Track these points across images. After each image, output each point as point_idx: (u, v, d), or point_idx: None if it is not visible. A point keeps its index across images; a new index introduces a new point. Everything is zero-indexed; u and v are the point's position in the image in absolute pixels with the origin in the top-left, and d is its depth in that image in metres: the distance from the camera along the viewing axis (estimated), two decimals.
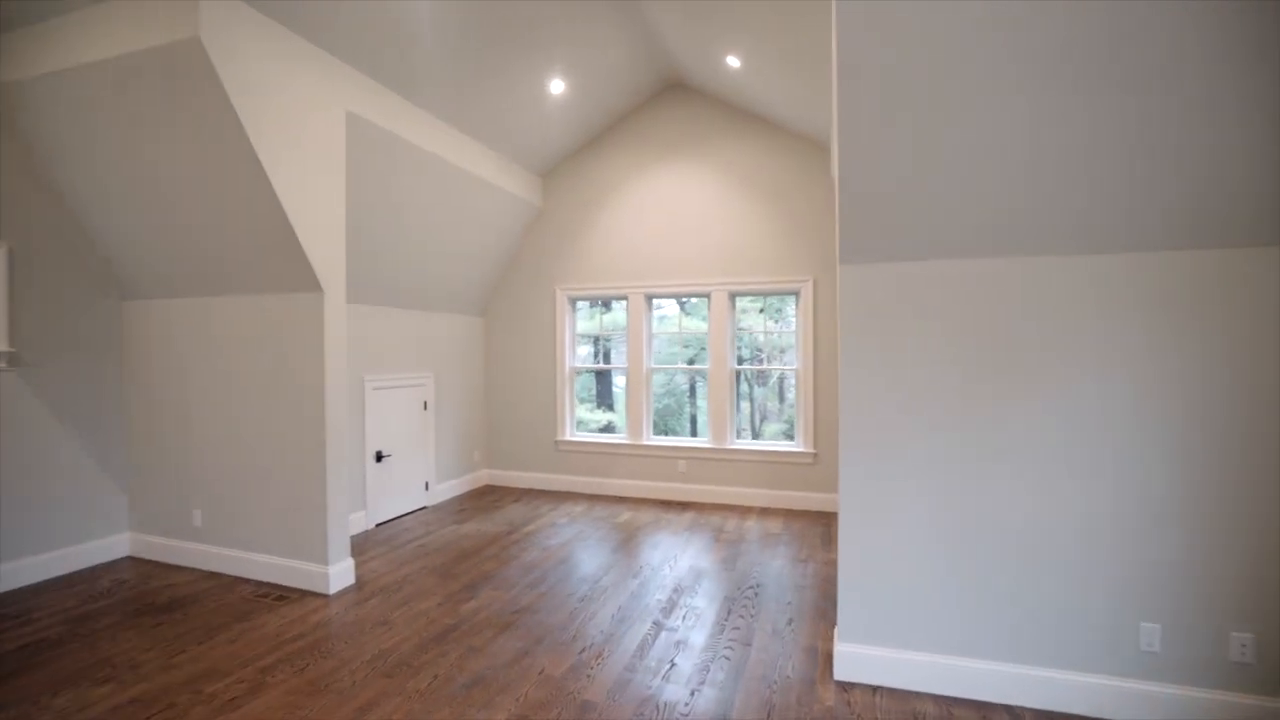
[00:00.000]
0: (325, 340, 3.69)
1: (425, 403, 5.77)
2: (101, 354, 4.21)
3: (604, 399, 8.22)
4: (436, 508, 5.72)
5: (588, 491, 6.30)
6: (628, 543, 4.69)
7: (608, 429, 7.47)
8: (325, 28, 3.54)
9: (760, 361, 7.38)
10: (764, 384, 8.20)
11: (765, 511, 5.52)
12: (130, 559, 4.27)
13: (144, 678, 2.76)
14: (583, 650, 3.02)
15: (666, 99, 5.91)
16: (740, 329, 6.20)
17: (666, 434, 7.51)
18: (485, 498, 6.14)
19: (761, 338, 7.09)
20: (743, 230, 5.71)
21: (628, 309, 6.20)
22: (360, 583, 3.87)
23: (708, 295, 5.90)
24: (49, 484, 3.91)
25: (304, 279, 3.66)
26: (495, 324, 6.72)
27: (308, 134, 3.57)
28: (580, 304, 6.57)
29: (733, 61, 4.77)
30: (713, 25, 4.35)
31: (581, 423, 7.43)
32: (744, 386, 8.03)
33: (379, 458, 5.13)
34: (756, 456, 5.72)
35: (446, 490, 6.05)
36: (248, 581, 3.87)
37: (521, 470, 6.62)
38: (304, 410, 3.73)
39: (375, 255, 4.75)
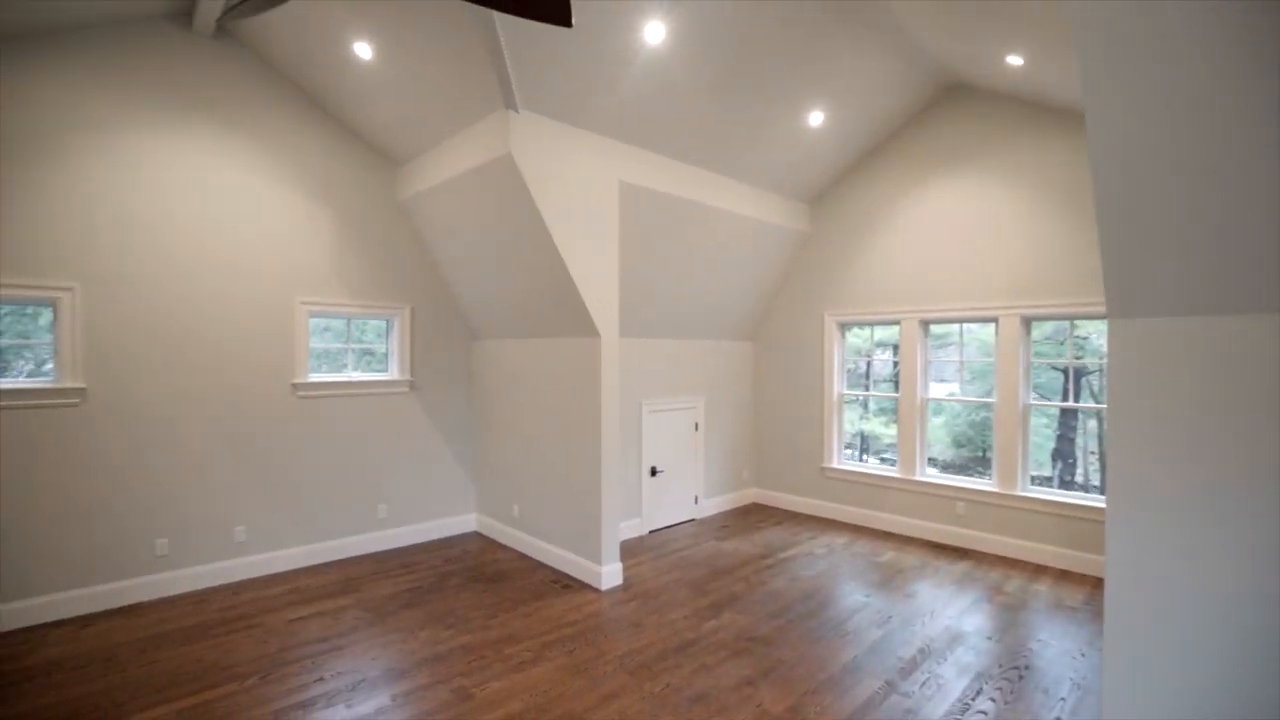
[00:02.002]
0: (602, 375, 4.41)
1: (696, 424, 6.31)
2: (461, 381, 5.69)
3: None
4: (703, 521, 6.21)
5: (853, 522, 6.11)
6: (884, 585, 4.48)
7: (890, 451, 7.08)
8: (598, 116, 4.25)
9: (1068, 397, 6.17)
10: (1074, 425, 6.80)
11: (1065, 576, 4.66)
12: (476, 534, 5.68)
13: (470, 630, 3.73)
14: (806, 693, 3.08)
15: (943, 105, 5.42)
16: (1037, 358, 5.30)
17: (954, 468, 6.80)
18: (749, 516, 6.42)
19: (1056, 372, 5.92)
20: (1039, 246, 4.91)
21: (900, 335, 5.84)
22: (627, 584, 4.50)
23: (994, 320, 5.22)
24: (431, 470, 5.47)
25: (585, 326, 4.43)
26: (764, 349, 6.97)
27: (587, 206, 4.34)
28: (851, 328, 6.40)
29: (1014, 60, 4.19)
30: (990, 20, 3.91)
31: (876, 436, 7.20)
32: (1042, 424, 6.81)
33: (653, 472, 5.82)
34: (1057, 509, 4.85)
35: (714, 505, 6.51)
36: (546, 568, 4.82)
37: (788, 493, 6.73)
38: (586, 431, 4.51)
39: (648, 295, 5.43)
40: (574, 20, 2.22)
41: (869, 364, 6.85)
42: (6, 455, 3.67)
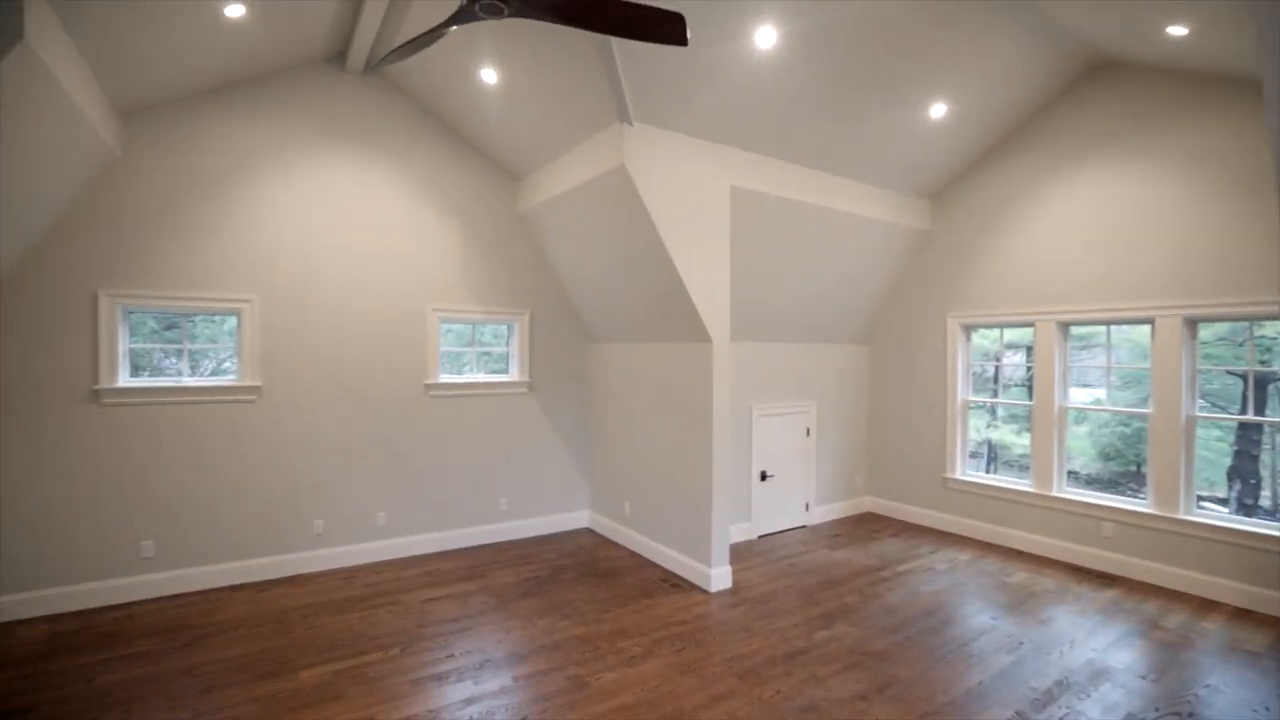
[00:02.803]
0: (713, 380, 4.44)
1: (808, 429, 6.17)
2: (576, 382, 5.94)
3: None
4: (814, 529, 6.06)
5: (979, 538, 5.71)
6: (1015, 609, 4.16)
7: (1023, 462, 6.56)
8: (709, 123, 4.30)
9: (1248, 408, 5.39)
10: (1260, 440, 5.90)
11: (1243, 615, 4.09)
12: (589, 530, 5.90)
13: (584, 623, 3.90)
14: (924, 715, 2.94)
15: (1083, 87, 4.93)
16: (1207, 362, 4.69)
17: (1100, 484, 6.16)
18: (863, 526, 6.19)
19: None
20: (1205, 236, 4.35)
21: (1035, 337, 5.39)
22: (736, 587, 4.50)
23: (1150, 321, 4.69)
24: (547, 468, 5.76)
25: (696, 331, 4.49)
26: (880, 352, 6.69)
27: (699, 212, 4.39)
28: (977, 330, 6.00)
29: (1177, 31, 3.76)
30: None
31: (1005, 446, 6.74)
32: (1214, 437, 5.99)
33: (763, 477, 5.76)
34: (1233, 536, 4.27)
35: (825, 513, 6.34)
36: (655, 566, 4.93)
37: (905, 503, 6.41)
38: (698, 434, 4.56)
39: (760, 299, 5.39)
40: (688, 36, 2.28)
41: (997, 368, 6.37)
42: (199, 441, 4.32)
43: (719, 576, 4.47)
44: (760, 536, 5.75)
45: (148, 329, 4.74)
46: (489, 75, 4.27)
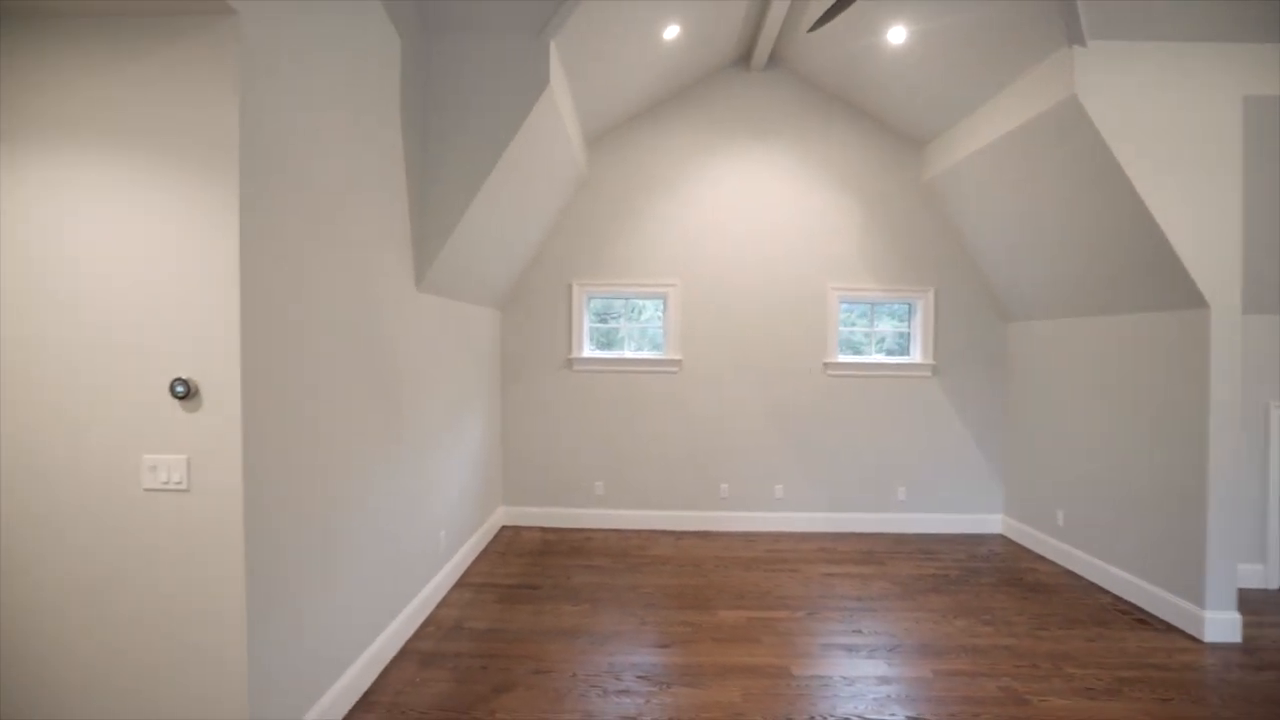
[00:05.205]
0: (1210, 362, 3.33)
1: None
2: (988, 366, 5.19)
3: None
4: None
5: None
6: None
7: None
8: (1200, 19, 3.21)
9: None
10: None
11: None
12: (1001, 537, 5.08)
13: (1012, 635, 3.34)
14: None
15: None
16: None
17: None
18: None
19: None
20: None
21: None
22: (1250, 645, 3.27)
23: None
24: (951, 461, 5.18)
25: (1180, 294, 3.43)
26: None
27: (1185, 139, 3.34)
28: None
29: None
30: None
31: None
32: None
33: None
34: None
35: None
36: (1103, 591, 3.94)
37: None
38: (1180, 434, 3.49)
39: None
40: None
41: None
42: (634, 404, 5.18)
43: (1220, 625, 3.31)
44: None
45: (609, 309, 5.92)
46: (896, 34, 4.03)
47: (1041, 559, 4.57)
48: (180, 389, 1.94)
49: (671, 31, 4.15)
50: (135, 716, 2.00)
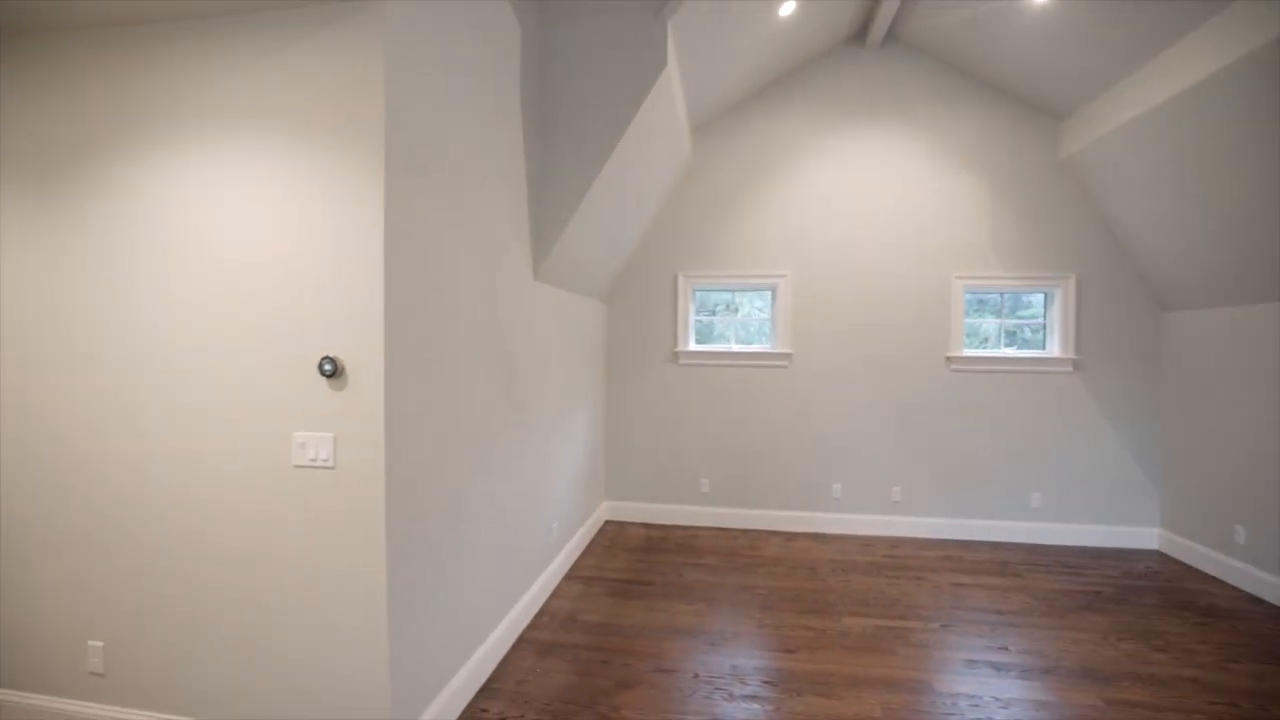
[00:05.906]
0: None
1: None
2: (1140, 361, 4.64)
3: None
4: None
5: None
6: None
7: None
8: None
9: None
10: None
11: None
12: (1159, 553, 4.52)
13: (1197, 665, 2.92)
14: None
15: None
16: None
17: None
18: None
19: None
20: None
21: None
22: None
23: None
24: (1096, 466, 4.66)
25: None
26: None
27: None
28: None
29: None
30: None
31: None
32: None
33: None
34: None
35: None
36: None
37: None
38: None
39: None
40: None
41: None
42: (742, 399, 5.00)
43: None
44: None
45: (705, 302, 5.78)
46: None
47: (1214, 580, 4.01)
48: (328, 367, 1.98)
49: (788, 8, 3.96)
50: (278, 685, 2.06)
